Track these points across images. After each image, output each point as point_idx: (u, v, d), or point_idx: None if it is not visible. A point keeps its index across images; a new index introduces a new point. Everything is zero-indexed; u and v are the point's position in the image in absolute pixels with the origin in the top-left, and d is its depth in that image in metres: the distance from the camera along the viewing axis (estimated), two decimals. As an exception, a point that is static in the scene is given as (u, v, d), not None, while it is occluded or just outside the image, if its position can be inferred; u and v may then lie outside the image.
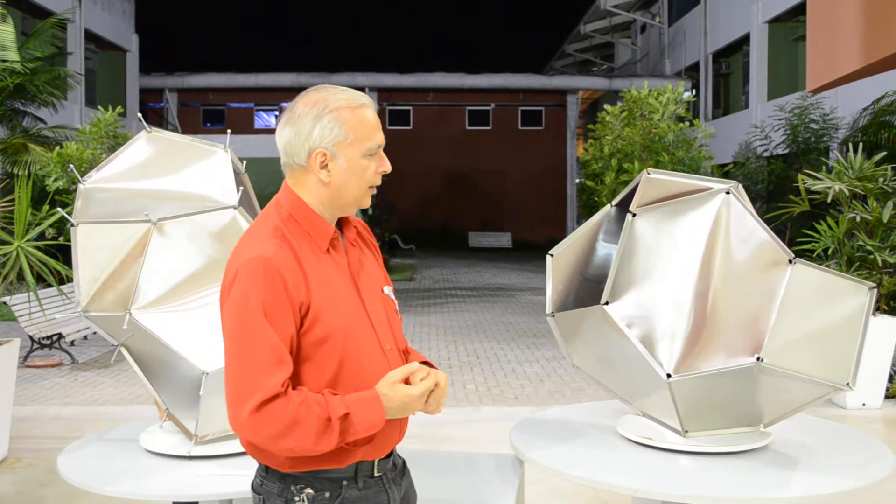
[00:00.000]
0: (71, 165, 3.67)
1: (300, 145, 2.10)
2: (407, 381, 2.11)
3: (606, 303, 2.93)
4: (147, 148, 3.34)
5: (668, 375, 2.88)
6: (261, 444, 2.00)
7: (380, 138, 2.14)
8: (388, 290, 2.28)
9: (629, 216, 3.00)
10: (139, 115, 3.91)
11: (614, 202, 3.31)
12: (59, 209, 3.86)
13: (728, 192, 3.02)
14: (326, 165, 2.11)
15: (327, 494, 2.08)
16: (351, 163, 2.11)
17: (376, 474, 2.16)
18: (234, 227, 3.09)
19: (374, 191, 2.18)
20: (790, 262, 2.95)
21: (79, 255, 3.15)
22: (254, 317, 1.96)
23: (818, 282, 2.98)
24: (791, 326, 2.90)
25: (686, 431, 3.05)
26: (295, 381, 2.02)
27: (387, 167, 2.17)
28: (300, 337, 2.03)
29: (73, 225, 3.15)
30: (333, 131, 2.09)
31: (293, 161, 2.13)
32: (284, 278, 1.99)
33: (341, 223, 2.23)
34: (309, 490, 2.08)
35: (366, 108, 2.13)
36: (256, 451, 2.11)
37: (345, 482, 2.10)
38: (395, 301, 2.30)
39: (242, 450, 2.98)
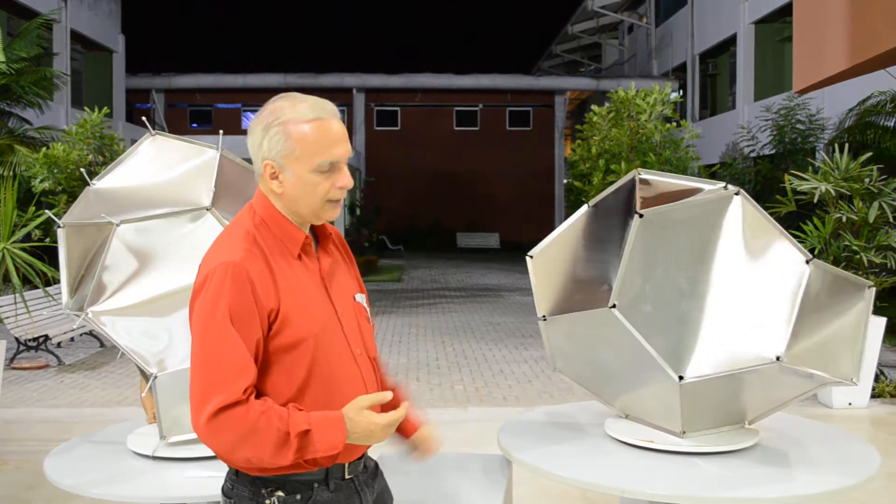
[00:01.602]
0: (82, 168, 3.67)
1: (254, 154, 2.10)
2: (377, 410, 2.08)
3: (613, 305, 2.90)
4: (149, 150, 3.37)
5: (681, 378, 2.88)
6: (218, 451, 1.97)
7: (334, 154, 2.05)
8: (360, 297, 2.27)
9: (636, 217, 2.96)
10: (144, 118, 3.91)
11: (591, 202, 3.32)
12: (46, 211, 3.86)
13: (738, 194, 3.02)
14: (277, 177, 2.07)
15: (298, 497, 2.07)
16: (299, 177, 2.05)
17: (347, 476, 2.15)
18: (206, 229, 3.07)
19: (338, 205, 2.12)
20: (807, 262, 2.96)
21: (63, 255, 3.17)
22: (220, 322, 1.95)
23: (829, 281, 3.00)
24: (808, 325, 2.92)
25: (683, 432, 3.06)
26: (266, 384, 2.03)
27: (344, 183, 2.08)
28: (269, 341, 2.01)
29: (59, 226, 3.16)
30: (279, 144, 2.04)
31: (256, 167, 2.13)
32: (253, 283, 1.98)
33: (316, 231, 2.22)
34: (280, 493, 2.06)
35: (319, 122, 2.04)
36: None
37: (316, 485, 2.09)
38: (368, 309, 2.29)
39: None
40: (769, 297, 2.97)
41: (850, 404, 7.49)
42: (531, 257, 3.30)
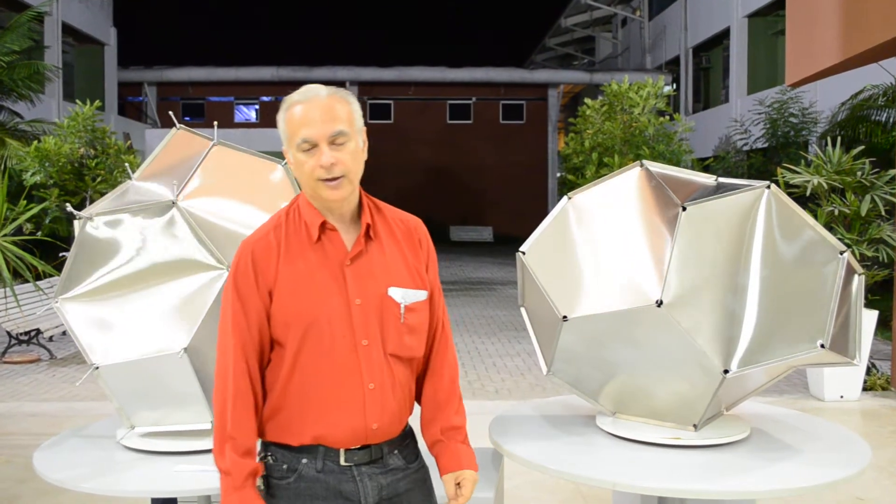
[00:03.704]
0: (126, 164, 3.69)
1: None
2: None
3: (660, 303, 2.85)
4: (170, 144, 3.40)
5: (725, 371, 2.87)
6: None
7: (304, 134, 2.15)
8: (397, 292, 2.25)
9: (681, 211, 2.93)
10: (170, 112, 3.92)
11: (570, 195, 3.29)
12: (63, 207, 3.85)
13: (769, 188, 3.02)
14: (290, 162, 2.25)
15: (285, 467, 2.20)
16: (294, 158, 2.21)
17: (343, 463, 2.20)
18: (171, 223, 3.07)
19: (329, 185, 2.17)
20: (841, 253, 2.97)
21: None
22: (230, 293, 2.22)
23: (848, 270, 3.02)
24: (837, 312, 2.94)
25: (695, 426, 3.06)
26: (271, 362, 2.22)
27: (322, 161, 2.15)
28: (270, 318, 2.19)
29: (77, 218, 3.19)
30: (280, 130, 2.24)
31: None
32: (256, 261, 2.20)
33: (370, 218, 2.28)
34: (271, 458, 2.23)
35: (297, 104, 2.18)
36: None
37: (304, 460, 2.19)
38: (402, 305, 2.25)
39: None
40: (807, 288, 2.98)
41: (841, 397, 7.50)
42: (523, 253, 3.26)
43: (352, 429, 2.19)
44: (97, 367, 3.01)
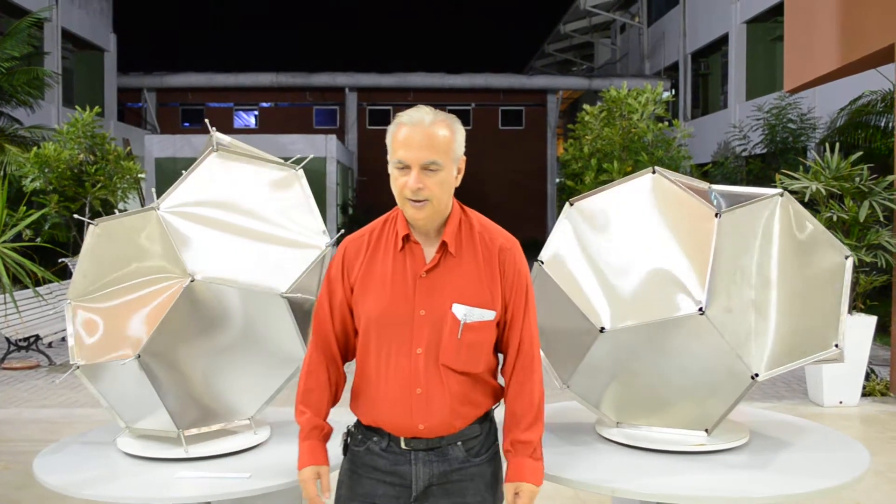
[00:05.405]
0: (183, 171, 3.72)
1: None
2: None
3: (701, 311, 2.84)
4: (204, 150, 3.43)
5: (755, 375, 2.90)
6: None
7: (401, 155, 2.32)
8: (459, 309, 2.38)
9: (716, 219, 2.94)
10: (206, 120, 3.92)
11: (572, 200, 3.28)
12: (79, 212, 3.86)
13: (782, 195, 3.08)
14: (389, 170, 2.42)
15: (360, 438, 2.50)
16: (391, 171, 2.37)
17: (403, 447, 2.42)
18: (155, 229, 3.11)
19: (414, 205, 2.34)
20: (847, 258, 3.07)
21: None
22: (325, 278, 2.53)
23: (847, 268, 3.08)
24: (844, 312, 3.05)
25: (707, 430, 3.07)
26: (358, 347, 2.49)
27: (410, 183, 2.31)
28: (353, 309, 2.47)
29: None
30: (387, 142, 2.39)
31: None
32: (346, 256, 2.48)
33: (456, 234, 2.43)
34: (353, 429, 2.53)
35: (403, 125, 2.35)
36: None
37: (375, 437, 2.45)
38: (461, 323, 2.37)
39: (221, 452, 3.01)
40: (818, 291, 3.06)
41: (840, 402, 7.50)
42: (542, 262, 3.21)
43: (401, 425, 2.41)
44: (77, 367, 3.06)
